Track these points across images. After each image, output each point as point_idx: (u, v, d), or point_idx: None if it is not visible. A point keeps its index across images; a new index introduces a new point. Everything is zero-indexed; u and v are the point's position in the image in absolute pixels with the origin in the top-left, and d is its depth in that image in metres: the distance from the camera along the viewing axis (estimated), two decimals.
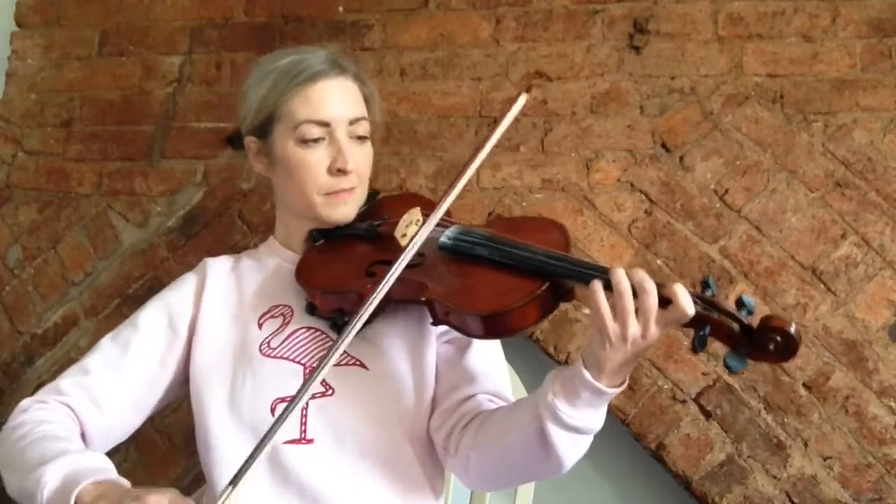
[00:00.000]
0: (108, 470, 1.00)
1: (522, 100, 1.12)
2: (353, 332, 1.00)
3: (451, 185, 1.10)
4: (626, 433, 1.72)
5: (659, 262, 1.79)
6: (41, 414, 1.11)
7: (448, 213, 1.16)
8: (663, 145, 1.85)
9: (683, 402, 1.71)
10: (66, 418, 1.12)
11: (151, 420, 1.23)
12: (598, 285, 0.94)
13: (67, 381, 1.15)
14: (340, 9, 2.08)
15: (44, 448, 1.03)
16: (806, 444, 1.65)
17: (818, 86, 1.80)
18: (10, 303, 2.13)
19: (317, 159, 1.17)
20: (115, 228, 2.10)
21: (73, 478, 0.96)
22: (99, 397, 1.14)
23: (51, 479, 0.96)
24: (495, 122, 1.12)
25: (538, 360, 1.79)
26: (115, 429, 1.17)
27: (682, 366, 1.72)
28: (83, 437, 1.13)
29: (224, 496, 0.91)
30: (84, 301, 2.08)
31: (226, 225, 2.04)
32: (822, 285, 1.71)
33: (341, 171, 1.18)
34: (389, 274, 1.03)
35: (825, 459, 1.64)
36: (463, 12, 2.00)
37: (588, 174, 1.87)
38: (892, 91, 1.76)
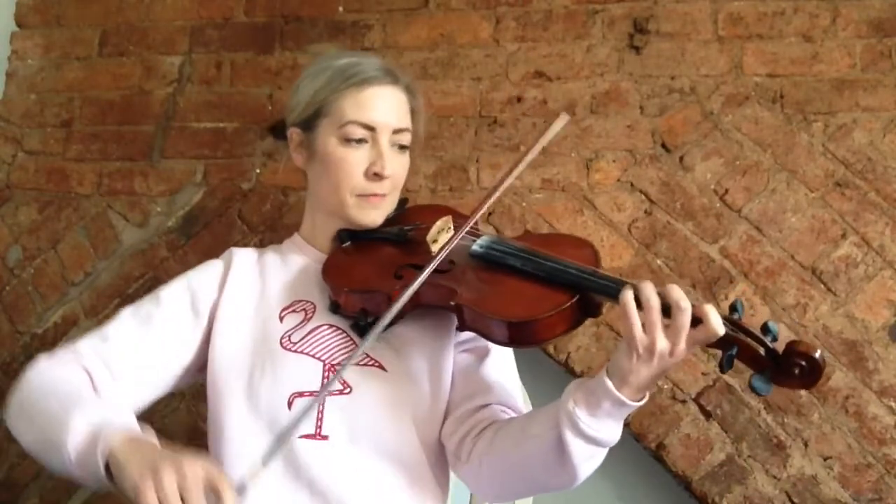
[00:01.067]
0: (136, 427, 1.01)
1: (563, 121, 1.17)
2: (380, 329, 1.02)
3: (486, 196, 1.13)
4: (626, 433, 1.71)
5: (659, 262, 1.79)
6: (59, 371, 1.11)
7: (477, 224, 1.19)
8: (663, 145, 1.85)
9: (683, 402, 1.71)
10: (83, 379, 1.11)
11: (151, 420, 1.23)
12: (629, 296, 0.95)
13: (85, 344, 1.16)
14: (340, 9, 2.08)
15: (68, 399, 1.03)
16: (806, 444, 1.65)
17: (818, 86, 1.80)
18: (10, 303, 2.12)
19: (356, 160, 1.20)
20: (115, 228, 2.10)
21: (101, 428, 0.96)
22: (113, 365, 1.14)
23: (77, 427, 0.96)
24: (538, 140, 1.17)
25: (538, 361, 1.79)
26: (125, 398, 1.17)
27: (682, 366, 1.71)
28: None
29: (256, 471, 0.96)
30: (84, 301, 2.08)
31: (226, 225, 2.03)
32: (822, 285, 1.71)
33: (378, 176, 1.19)
34: (424, 274, 1.05)
35: (825, 459, 1.64)
36: (463, 12, 2.00)
37: (588, 174, 1.86)
38: (892, 91, 1.76)
